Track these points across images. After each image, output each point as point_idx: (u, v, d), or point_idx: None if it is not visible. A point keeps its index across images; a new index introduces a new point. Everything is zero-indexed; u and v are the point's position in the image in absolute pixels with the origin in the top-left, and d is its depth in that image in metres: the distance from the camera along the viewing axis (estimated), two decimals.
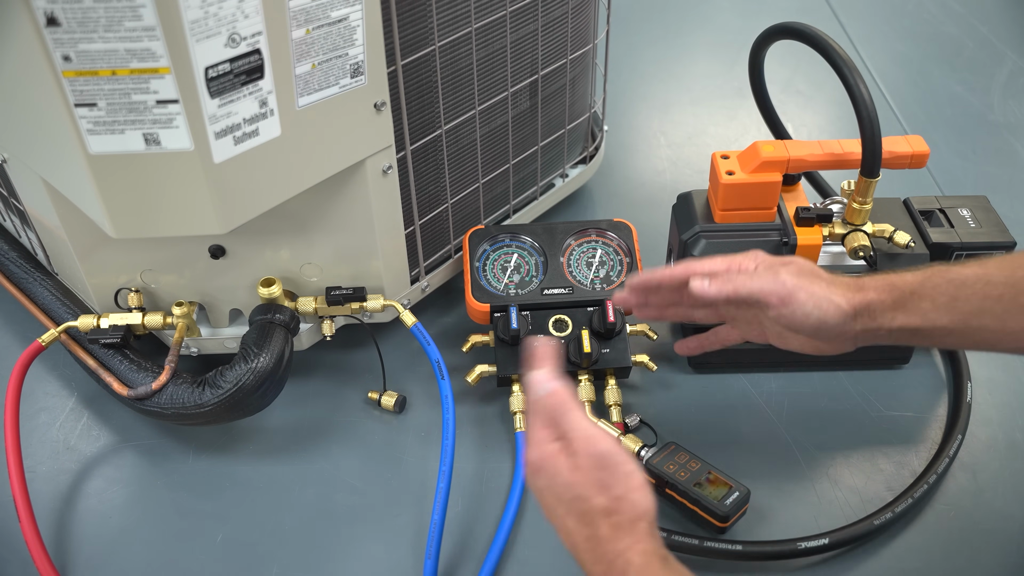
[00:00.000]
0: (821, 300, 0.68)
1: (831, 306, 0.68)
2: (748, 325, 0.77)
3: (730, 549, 0.76)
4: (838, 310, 0.68)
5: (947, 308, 0.65)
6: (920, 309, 0.66)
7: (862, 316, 0.68)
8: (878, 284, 0.69)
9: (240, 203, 0.70)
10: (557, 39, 0.95)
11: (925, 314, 0.66)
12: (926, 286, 0.66)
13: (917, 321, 0.66)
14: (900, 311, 0.67)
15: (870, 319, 0.68)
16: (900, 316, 0.67)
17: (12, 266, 0.93)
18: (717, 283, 0.72)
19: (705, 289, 0.72)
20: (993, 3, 1.61)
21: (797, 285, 0.69)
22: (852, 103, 0.77)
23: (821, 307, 0.68)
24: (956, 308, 0.65)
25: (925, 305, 0.66)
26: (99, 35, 0.59)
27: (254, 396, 0.80)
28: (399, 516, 0.82)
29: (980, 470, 0.85)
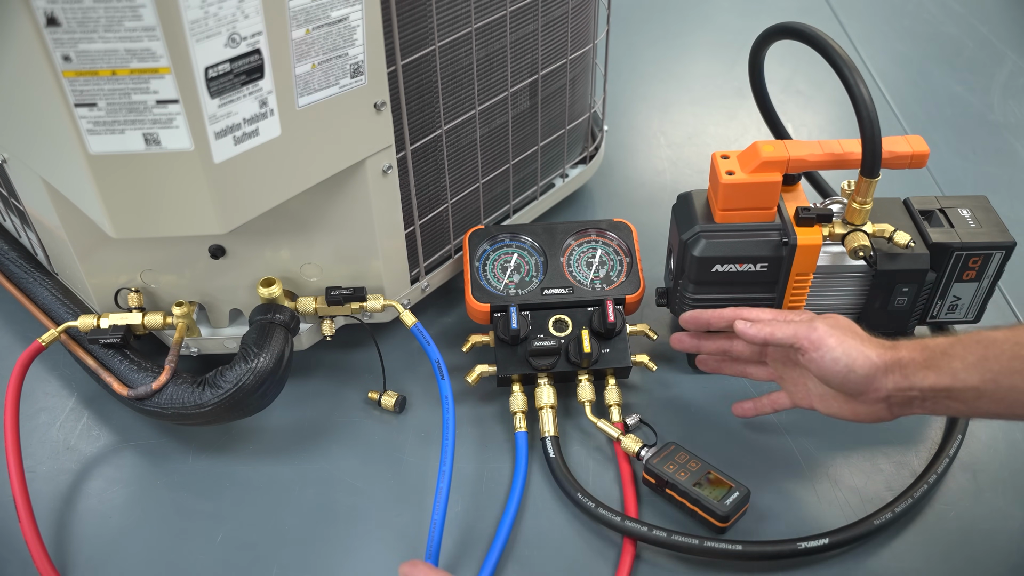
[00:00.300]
0: (850, 348, 0.71)
1: (860, 355, 0.71)
2: (794, 385, 0.81)
3: (730, 549, 0.76)
4: (867, 360, 0.71)
5: (977, 367, 0.66)
6: (951, 368, 0.67)
7: (893, 372, 0.70)
8: (910, 344, 0.71)
9: (240, 203, 0.70)
10: (557, 39, 0.95)
11: (956, 373, 0.67)
12: (956, 347, 0.68)
13: (948, 380, 0.67)
14: (932, 370, 0.68)
15: (902, 377, 0.70)
16: (932, 375, 0.68)
17: (12, 266, 0.93)
18: (757, 326, 0.78)
19: (745, 329, 0.78)
20: (993, 3, 1.61)
21: (829, 333, 0.73)
22: (852, 103, 0.77)
23: (850, 355, 0.71)
24: (986, 367, 0.66)
25: (956, 364, 0.67)
26: (99, 35, 0.59)
27: (254, 396, 0.80)
28: (399, 516, 0.82)
29: (980, 470, 0.85)
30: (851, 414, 0.76)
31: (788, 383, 0.82)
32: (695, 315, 0.85)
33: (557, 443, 0.85)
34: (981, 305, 0.91)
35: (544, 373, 0.88)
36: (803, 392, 0.80)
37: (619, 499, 0.83)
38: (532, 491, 0.84)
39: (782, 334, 0.76)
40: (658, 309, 0.97)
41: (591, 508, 0.79)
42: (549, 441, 0.85)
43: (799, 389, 0.81)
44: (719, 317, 0.82)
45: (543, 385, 0.88)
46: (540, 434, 0.86)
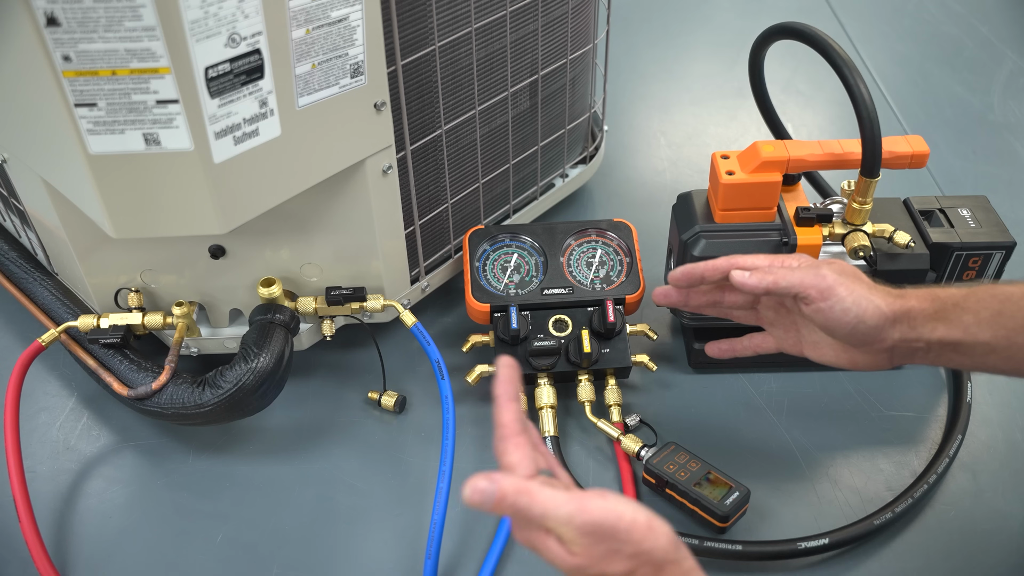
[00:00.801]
0: (860, 298, 0.67)
1: (870, 305, 0.67)
2: (785, 331, 0.77)
3: (730, 549, 0.76)
4: (877, 310, 0.67)
5: (990, 322, 0.63)
6: (962, 322, 0.64)
7: (901, 323, 0.67)
8: (920, 293, 0.67)
9: (240, 203, 0.70)
10: (557, 39, 0.95)
11: (967, 327, 0.64)
12: (970, 299, 0.65)
13: (958, 334, 0.65)
14: (941, 322, 0.65)
15: (909, 328, 0.67)
16: (941, 327, 0.65)
17: (12, 266, 0.93)
18: (758, 274, 0.72)
19: (745, 279, 0.72)
20: (993, 3, 1.61)
21: (838, 281, 0.68)
22: (852, 103, 0.77)
23: (860, 304, 0.67)
24: (1000, 323, 0.63)
25: (968, 318, 0.64)
26: (99, 35, 0.59)
27: (254, 396, 0.80)
28: (399, 516, 0.82)
29: (980, 470, 0.85)
30: (848, 362, 0.72)
31: (778, 328, 0.77)
32: (687, 270, 0.76)
33: (557, 443, 0.85)
34: None
35: (544, 373, 0.88)
36: (794, 339, 0.76)
37: None
38: None
39: (786, 282, 0.70)
40: (658, 309, 0.97)
41: None
42: (549, 441, 0.85)
43: (790, 335, 0.76)
44: (713, 268, 0.75)
45: (543, 385, 0.88)
46: (540, 434, 0.86)
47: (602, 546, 0.51)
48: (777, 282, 0.71)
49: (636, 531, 0.52)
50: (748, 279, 0.72)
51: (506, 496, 0.52)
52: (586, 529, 0.51)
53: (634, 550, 0.52)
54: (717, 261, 0.75)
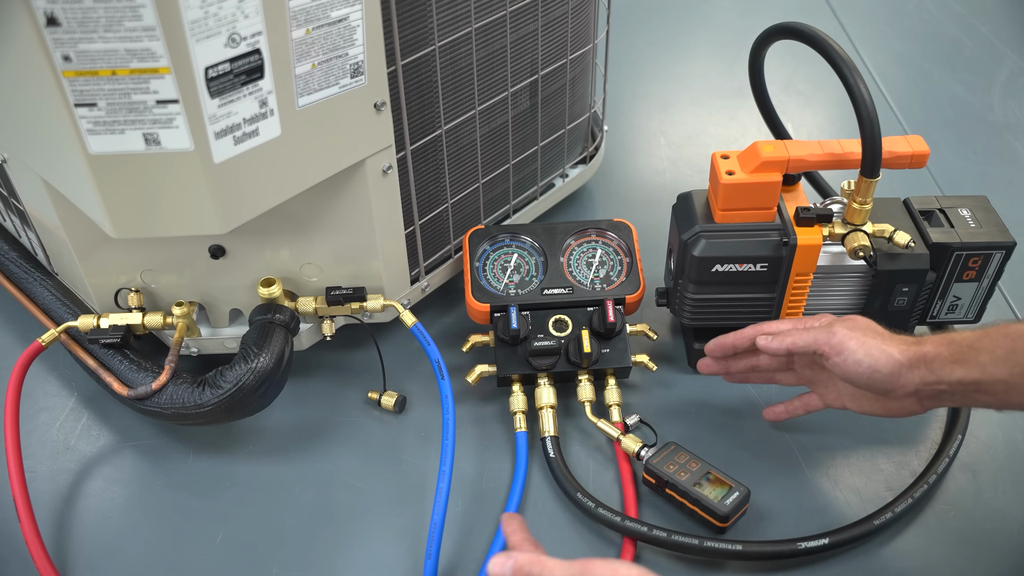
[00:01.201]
0: (872, 348, 0.71)
1: (882, 354, 0.71)
2: (824, 388, 0.81)
3: (730, 549, 0.76)
4: (889, 358, 0.70)
5: (1005, 360, 0.66)
6: (979, 362, 0.67)
7: (918, 368, 0.70)
8: (936, 339, 0.71)
9: (240, 203, 0.70)
10: (557, 39, 0.95)
11: (984, 367, 0.67)
12: (984, 340, 0.68)
13: (976, 374, 0.67)
14: (959, 364, 0.68)
15: (928, 372, 0.69)
16: (959, 369, 0.68)
17: (12, 266, 0.93)
18: (778, 338, 0.78)
19: (768, 343, 0.78)
20: (993, 3, 1.61)
21: (848, 335, 0.73)
22: (852, 103, 0.77)
23: (872, 355, 0.71)
24: (1014, 360, 0.66)
25: (984, 358, 0.67)
26: (99, 35, 0.59)
27: (254, 396, 0.80)
28: (399, 516, 0.82)
29: (980, 470, 0.85)
30: (883, 410, 0.76)
31: (818, 386, 0.82)
32: (719, 342, 0.84)
33: (557, 443, 0.85)
34: (981, 305, 0.91)
35: (544, 373, 0.88)
36: (834, 393, 0.80)
37: (619, 499, 0.83)
38: (532, 491, 0.84)
39: (803, 342, 0.75)
40: (658, 309, 0.97)
41: (591, 508, 0.79)
42: (549, 441, 0.85)
43: (830, 391, 0.81)
44: (741, 337, 0.82)
45: (543, 385, 0.88)
46: (540, 434, 0.86)
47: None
48: (795, 342, 0.76)
49: None
50: (770, 343, 0.78)
51: (522, 566, 0.60)
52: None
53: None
54: (745, 330, 0.82)
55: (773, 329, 0.79)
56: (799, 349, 0.76)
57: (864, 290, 0.88)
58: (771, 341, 0.78)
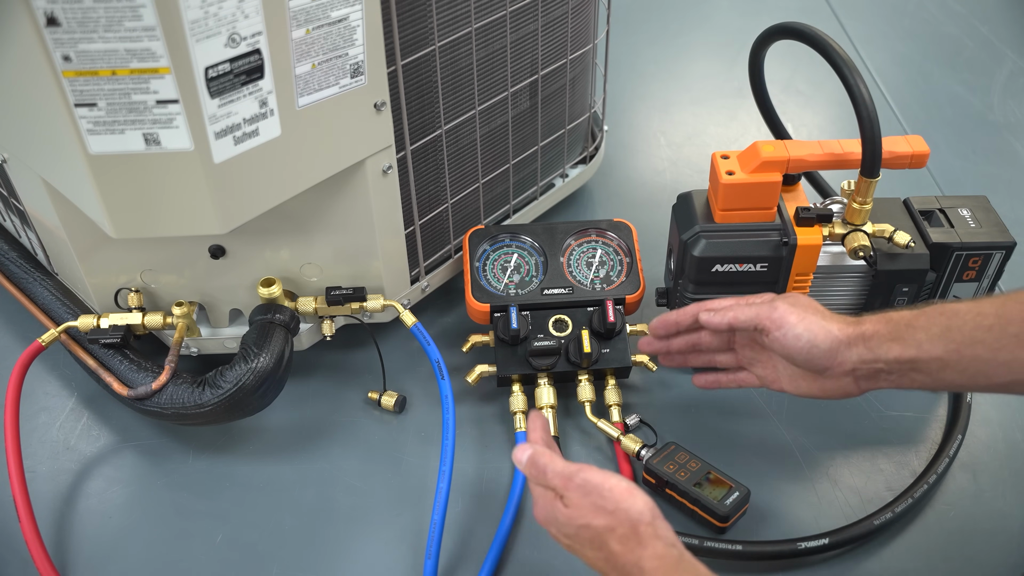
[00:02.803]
0: (812, 324, 0.72)
1: (821, 329, 0.72)
2: (763, 368, 0.82)
3: (730, 549, 0.76)
4: (828, 334, 0.71)
5: (941, 337, 0.67)
6: (915, 339, 0.68)
7: (856, 346, 0.70)
8: (874, 318, 0.71)
9: (240, 203, 0.70)
10: (557, 39, 0.95)
11: (920, 344, 0.68)
12: (920, 318, 0.69)
13: (913, 352, 0.68)
14: (896, 342, 0.69)
15: (867, 350, 0.70)
16: (896, 347, 0.69)
17: (12, 266, 0.93)
18: (720, 313, 0.78)
19: (710, 318, 0.79)
20: (993, 3, 1.61)
21: (789, 310, 0.74)
22: (852, 103, 0.77)
23: (811, 330, 0.72)
24: (949, 337, 0.66)
25: (920, 336, 0.68)
26: (99, 35, 0.59)
27: (254, 396, 0.80)
28: (399, 516, 0.82)
29: (980, 470, 0.85)
30: (820, 391, 0.76)
31: (757, 366, 0.82)
32: (662, 320, 0.84)
33: (557, 443, 0.85)
34: None
35: (544, 373, 0.88)
36: (772, 374, 0.80)
37: None
38: None
39: (744, 316, 0.76)
40: (658, 309, 0.97)
41: None
42: None
43: (768, 371, 0.81)
44: (685, 314, 0.82)
45: (543, 385, 0.88)
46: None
47: (588, 499, 0.63)
48: (737, 316, 0.77)
49: (616, 492, 0.63)
50: (712, 318, 0.78)
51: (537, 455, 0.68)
52: (579, 484, 0.64)
53: (613, 507, 0.62)
54: (687, 308, 0.82)
55: (716, 305, 0.79)
56: (740, 324, 0.76)
57: (864, 290, 0.88)
58: (713, 316, 0.78)
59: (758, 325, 0.75)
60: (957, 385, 0.68)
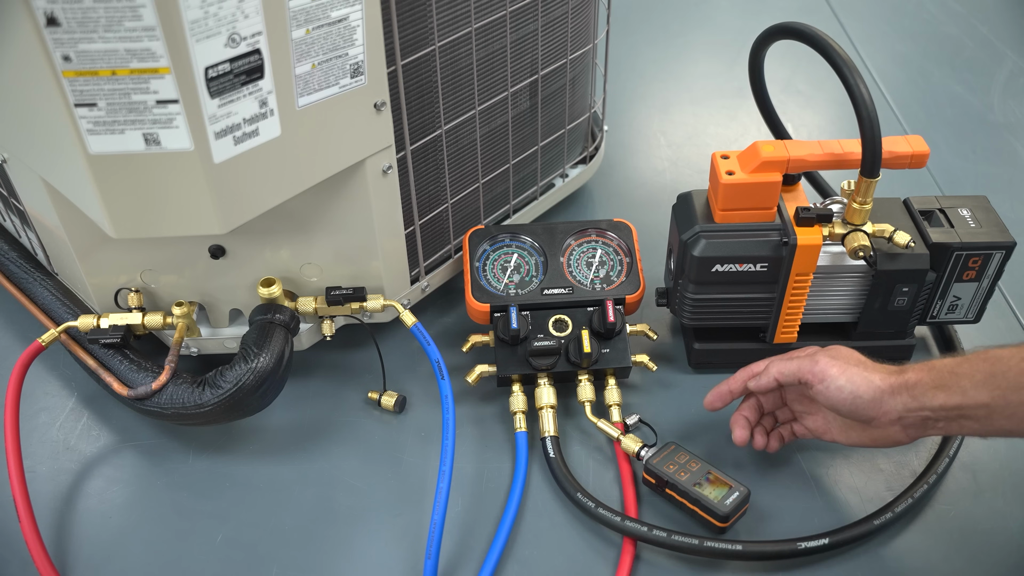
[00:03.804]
0: (853, 375, 0.73)
1: (863, 380, 0.72)
2: (814, 421, 0.81)
3: (730, 549, 0.76)
4: (870, 385, 0.72)
5: (985, 384, 0.67)
6: (960, 386, 0.68)
7: (901, 395, 0.71)
8: (917, 366, 0.72)
9: (240, 203, 0.70)
10: (557, 39, 0.95)
11: (965, 391, 0.67)
12: (964, 365, 0.69)
13: (958, 399, 0.68)
14: (941, 390, 0.69)
15: (911, 398, 0.70)
16: (941, 395, 0.69)
17: (12, 266, 0.93)
18: (764, 375, 0.79)
19: (757, 384, 0.80)
20: (993, 3, 1.61)
21: (830, 363, 0.74)
22: (852, 103, 0.77)
23: (853, 381, 0.72)
24: (994, 383, 0.66)
25: (964, 383, 0.68)
26: (99, 35, 0.59)
27: (254, 396, 0.80)
28: (399, 516, 0.82)
29: (980, 470, 0.85)
30: (870, 440, 0.76)
31: (808, 419, 0.82)
32: (716, 394, 0.83)
33: (557, 443, 0.85)
34: (981, 305, 0.91)
35: (544, 373, 0.88)
36: (824, 425, 0.80)
37: (619, 499, 0.83)
38: (532, 491, 0.84)
39: (788, 370, 0.77)
40: (658, 309, 0.97)
41: (591, 508, 0.79)
42: (549, 441, 0.85)
43: (819, 423, 0.81)
44: (736, 383, 0.82)
45: (543, 385, 0.88)
46: (540, 434, 0.86)
47: None
48: (781, 371, 0.78)
49: None
50: (759, 382, 0.79)
51: None
52: None
53: None
54: (736, 376, 0.82)
55: (758, 369, 0.81)
56: (785, 379, 0.77)
57: (864, 290, 0.88)
58: (759, 380, 0.79)
59: (801, 379, 0.76)
60: (1006, 431, 0.68)
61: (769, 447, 0.82)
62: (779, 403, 0.85)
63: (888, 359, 0.93)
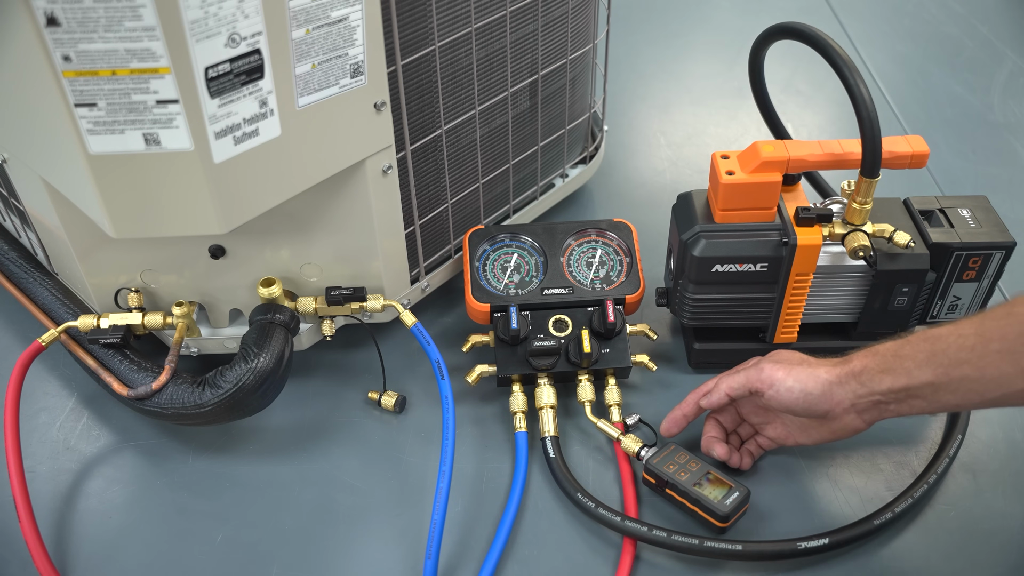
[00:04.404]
0: (800, 374, 0.75)
1: (809, 376, 0.74)
2: (774, 429, 0.83)
3: (730, 549, 0.76)
4: (817, 379, 0.74)
5: (927, 363, 0.68)
6: (904, 368, 0.70)
7: (848, 382, 0.72)
8: (861, 354, 0.73)
9: (240, 203, 0.70)
10: (557, 39, 0.95)
11: (909, 372, 0.69)
12: (906, 347, 0.70)
13: (904, 380, 0.69)
14: (887, 373, 0.71)
15: (860, 385, 0.72)
16: (887, 378, 0.70)
17: (12, 266, 0.93)
18: (712, 393, 0.81)
19: (708, 401, 0.81)
20: (993, 3, 1.61)
21: (775, 368, 0.76)
22: (852, 103, 0.77)
23: (800, 379, 0.74)
24: (936, 361, 0.68)
25: (908, 364, 0.69)
26: (99, 35, 0.59)
27: (254, 396, 0.80)
28: (399, 516, 0.82)
29: (980, 470, 0.85)
30: (830, 434, 0.77)
31: (768, 429, 0.83)
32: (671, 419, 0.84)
33: (557, 443, 0.85)
34: (981, 305, 0.91)
35: (544, 373, 0.88)
36: (784, 432, 0.82)
37: (619, 499, 0.83)
38: (532, 491, 0.84)
39: (736, 383, 0.79)
40: (658, 309, 0.97)
41: (591, 508, 0.79)
42: (549, 441, 0.85)
43: (779, 431, 0.82)
44: (688, 405, 0.83)
45: (543, 385, 0.88)
46: (540, 434, 0.86)
47: None
48: (730, 385, 0.79)
49: None
50: (710, 399, 0.81)
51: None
52: None
53: None
54: (687, 398, 0.84)
55: (707, 387, 0.82)
56: (734, 392, 0.79)
57: (864, 290, 0.88)
58: (710, 397, 0.81)
59: (751, 388, 0.77)
60: (953, 405, 0.69)
61: (742, 465, 0.83)
62: (737, 420, 0.86)
63: None
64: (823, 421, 0.76)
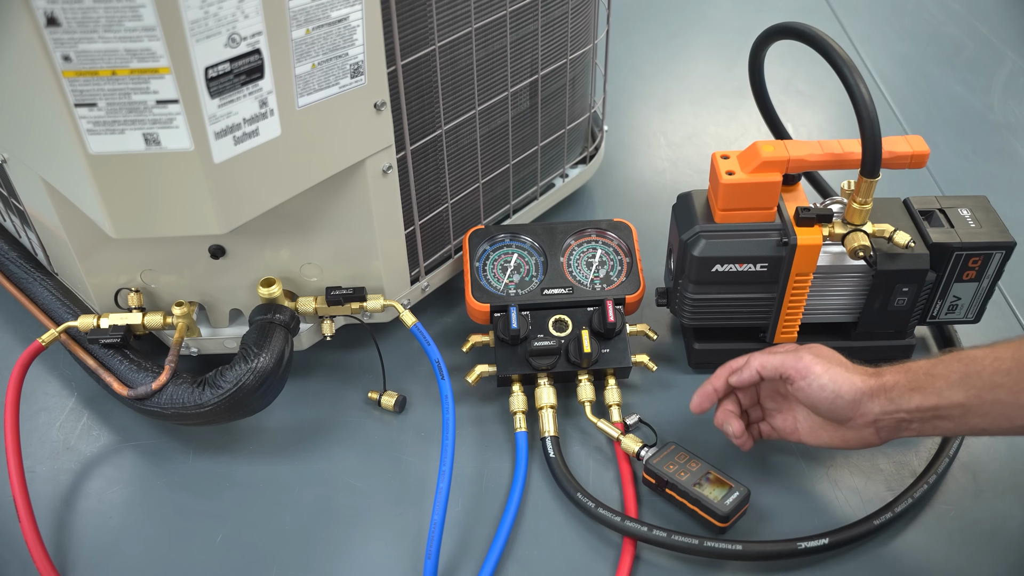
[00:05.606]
0: (836, 375, 0.73)
1: (845, 380, 0.72)
2: (783, 418, 0.81)
3: (730, 549, 0.76)
4: (852, 385, 0.72)
5: (960, 384, 0.67)
6: (935, 387, 0.68)
7: (879, 397, 0.71)
8: (893, 369, 0.73)
9: (240, 203, 0.70)
10: (557, 39, 0.95)
11: (940, 392, 0.68)
12: (939, 366, 0.69)
13: (934, 400, 0.68)
14: (917, 391, 0.69)
15: (888, 401, 0.71)
16: (917, 396, 0.69)
17: (12, 266, 0.93)
18: (745, 369, 0.79)
19: (739, 379, 0.79)
20: (993, 3, 1.61)
21: (815, 360, 0.74)
22: (852, 103, 0.77)
23: (836, 380, 0.73)
24: (969, 383, 0.67)
25: (939, 384, 0.68)
26: (99, 35, 0.59)
27: (254, 396, 0.80)
28: (399, 516, 0.82)
29: (980, 470, 0.85)
30: (840, 441, 0.76)
31: (776, 417, 0.82)
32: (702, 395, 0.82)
33: (557, 443, 0.85)
34: (981, 305, 0.91)
35: (544, 373, 0.88)
36: (791, 425, 0.80)
37: (619, 499, 0.83)
38: (532, 491, 0.84)
39: (771, 364, 0.77)
40: (658, 309, 0.97)
41: (591, 508, 0.79)
42: (549, 441, 0.85)
43: (787, 422, 0.81)
44: (719, 380, 0.82)
45: (543, 385, 0.88)
46: (540, 434, 0.86)
47: None
48: (764, 364, 0.77)
49: None
50: (741, 376, 0.79)
51: None
52: None
53: None
54: (717, 374, 0.82)
55: (739, 364, 0.80)
56: (767, 373, 0.77)
57: (864, 290, 0.88)
58: (741, 374, 0.79)
59: (784, 374, 0.76)
60: (980, 429, 0.68)
61: (744, 446, 0.82)
62: (754, 400, 0.84)
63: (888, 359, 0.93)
64: (838, 427, 0.75)
